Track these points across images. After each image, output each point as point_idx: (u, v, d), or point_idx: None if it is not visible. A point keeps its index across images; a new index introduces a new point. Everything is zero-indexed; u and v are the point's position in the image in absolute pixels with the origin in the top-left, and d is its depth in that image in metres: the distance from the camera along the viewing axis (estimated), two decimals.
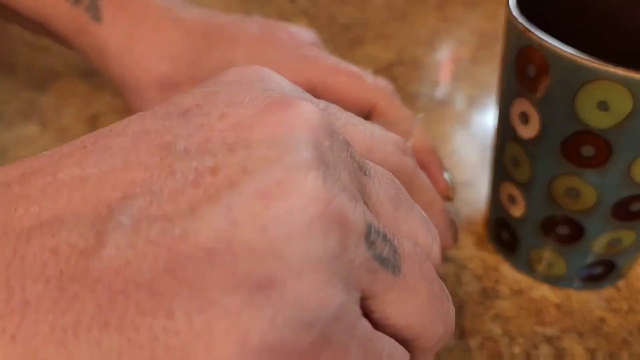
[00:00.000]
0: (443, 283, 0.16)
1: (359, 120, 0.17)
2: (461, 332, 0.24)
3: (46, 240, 0.10)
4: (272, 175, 0.11)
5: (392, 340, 0.14)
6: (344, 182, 0.13)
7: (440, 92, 0.40)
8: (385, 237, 0.13)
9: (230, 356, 0.10)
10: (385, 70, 0.41)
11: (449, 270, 0.27)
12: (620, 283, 0.26)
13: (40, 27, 0.29)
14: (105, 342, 0.10)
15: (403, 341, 0.15)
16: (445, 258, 0.27)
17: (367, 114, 0.25)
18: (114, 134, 0.13)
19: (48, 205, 0.11)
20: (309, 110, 0.13)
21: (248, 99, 0.13)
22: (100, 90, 0.37)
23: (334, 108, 0.17)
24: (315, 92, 0.25)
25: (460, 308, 0.25)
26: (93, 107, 0.36)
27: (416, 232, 0.16)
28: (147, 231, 0.11)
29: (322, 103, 0.16)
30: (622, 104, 0.19)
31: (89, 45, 0.27)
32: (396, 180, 0.16)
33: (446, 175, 0.25)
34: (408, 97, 0.39)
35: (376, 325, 0.14)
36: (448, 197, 0.25)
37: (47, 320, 0.10)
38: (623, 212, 0.22)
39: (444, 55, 0.44)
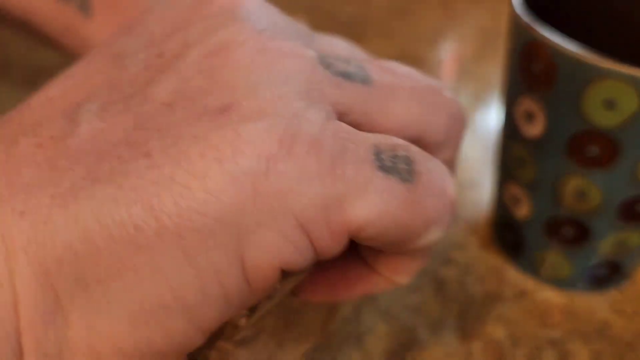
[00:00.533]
0: (432, 80, 0.15)
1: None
2: (464, 335, 0.24)
3: (30, 139, 0.12)
4: (210, 40, 0.13)
5: (387, 136, 0.13)
6: (286, 35, 0.14)
7: None
8: (346, 59, 0.14)
9: (209, 171, 0.11)
10: None
11: (452, 272, 0.26)
12: (625, 285, 0.26)
13: (24, 27, 0.29)
14: (99, 193, 0.11)
15: (412, 142, 0.15)
16: (448, 260, 0.27)
17: None
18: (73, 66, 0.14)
19: (26, 119, 0.13)
20: None
21: (180, 3, 0.15)
22: None
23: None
24: None
25: (463, 310, 0.25)
26: None
27: None
28: (113, 107, 0.12)
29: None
30: (628, 103, 0.19)
31: (78, 44, 0.27)
32: (350, 45, 0.17)
33: None
34: None
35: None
36: None
37: (47, 193, 0.11)
38: (629, 213, 0.22)
39: (447, 53, 0.43)
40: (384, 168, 0.12)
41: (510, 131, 0.24)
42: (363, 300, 0.25)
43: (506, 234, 0.26)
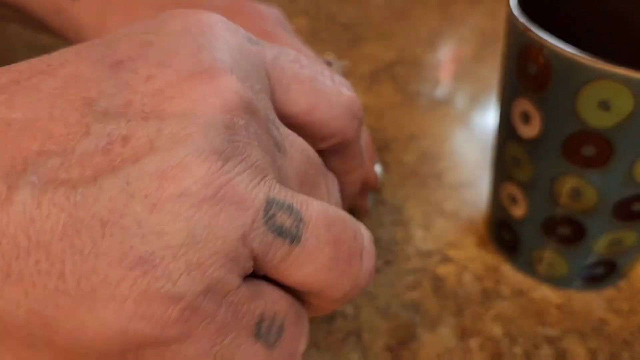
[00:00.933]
0: (362, 239, 0.16)
1: (311, 66, 0.17)
2: (462, 333, 0.24)
3: None
4: (173, 156, 0.12)
5: (274, 304, 0.14)
6: (251, 161, 0.14)
7: (441, 91, 0.39)
8: (290, 208, 0.14)
9: (107, 321, 0.12)
10: (385, 69, 0.41)
11: (450, 271, 0.26)
12: (621, 283, 0.26)
13: (11, 12, 0.30)
14: (6, 292, 0.11)
15: (305, 294, 0.15)
16: (446, 258, 0.27)
17: None
18: (49, 72, 0.13)
19: None
20: (231, 87, 0.14)
21: (177, 61, 0.14)
22: None
23: (286, 51, 0.17)
24: None
25: (461, 308, 0.25)
26: None
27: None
28: (53, 194, 0.12)
29: (276, 48, 0.17)
30: (623, 104, 0.19)
31: (65, 25, 0.28)
32: (311, 155, 0.17)
33: (377, 168, 0.26)
34: (408, 97, 0.39)
35: (273, 280, 0.15)
36: (375, 189, 0.26)
37: None
38: (624, 212, 0.22)
39: (445, 54, 0.44)
40: (258, 335, 0.14)
41: (507, 132, 0.24)
42: (363, 299, 0.25)
43: (503, 233, 0.26)
